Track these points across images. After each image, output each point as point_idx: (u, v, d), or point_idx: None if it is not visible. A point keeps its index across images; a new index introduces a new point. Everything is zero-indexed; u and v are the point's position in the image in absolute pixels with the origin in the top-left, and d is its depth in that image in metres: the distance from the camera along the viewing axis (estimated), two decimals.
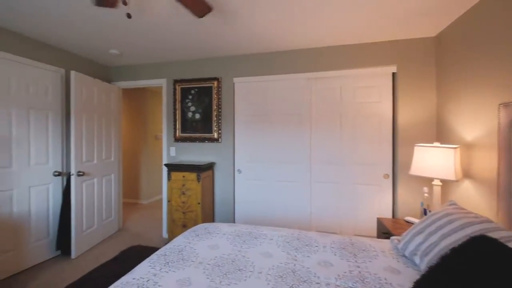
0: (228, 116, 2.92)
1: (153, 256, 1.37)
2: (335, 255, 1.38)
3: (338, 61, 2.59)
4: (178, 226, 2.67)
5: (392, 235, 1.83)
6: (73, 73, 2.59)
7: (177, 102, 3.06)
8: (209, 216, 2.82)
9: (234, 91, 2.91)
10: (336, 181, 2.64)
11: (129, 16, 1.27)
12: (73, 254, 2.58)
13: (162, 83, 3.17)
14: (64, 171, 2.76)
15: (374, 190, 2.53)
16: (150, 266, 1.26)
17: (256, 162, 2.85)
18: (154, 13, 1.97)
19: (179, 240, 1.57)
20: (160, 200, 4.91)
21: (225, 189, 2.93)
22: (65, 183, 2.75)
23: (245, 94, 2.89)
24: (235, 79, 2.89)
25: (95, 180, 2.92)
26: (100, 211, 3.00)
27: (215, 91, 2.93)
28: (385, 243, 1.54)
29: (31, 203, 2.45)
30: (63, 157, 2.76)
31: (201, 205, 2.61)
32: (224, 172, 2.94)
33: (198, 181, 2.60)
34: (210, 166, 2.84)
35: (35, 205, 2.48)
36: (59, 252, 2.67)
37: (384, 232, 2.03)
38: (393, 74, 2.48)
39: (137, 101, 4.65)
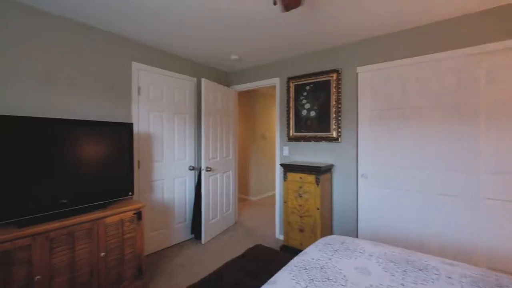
0: (350, 112, 2.55)
1: (292, 267, 1.24)
2: None
3: None
4: (295, 229, 2.55)
5: None
6: (203, 81, 2.93)
7: (290, 100, 2.96)
8: (327, 224, 2.56)
9: (358, 82, 2.52)
10: None
11: (274, 3, 1.19)
12: (203, 240, 2.91)
13: (275, 82, 3.16)
14: (196, 166, 3.17)
15: None
16: (294, 280, 1.12)
17: (387, 166, 2.35)
18: (268, 9, 1.89)
19: (315, 253, 1.38)
20: (268, 198, 5.06)
21: (346, 196, 2.59)
22: (195, 176, 3.17)
23: (372, 84, 2.44)
24: (359, 69, 2.49)
25: (218, 175, 3.22)
26: (222, 204, 3.29)
27: (334, 85, 2.63)
28: None
29: (175, 191, 2.93)
30: (195, 154, 3.18)
31: (320, 211, 2.37)
32: (344, 176, 2.59)
33: (317, 184, 2.38)
34: (329, 169, 2.57)
35: (177, 193, 2.96)
36: (192, 236, 3.09)
37: None
38: None
39: (247, 102, 4.96)
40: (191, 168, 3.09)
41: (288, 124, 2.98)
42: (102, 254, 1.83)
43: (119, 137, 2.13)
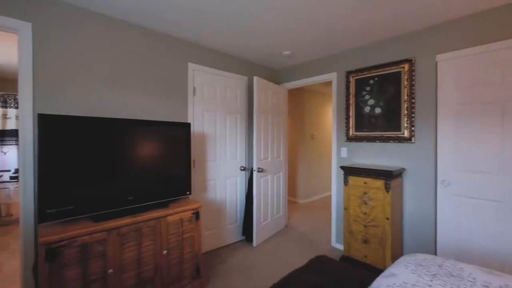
0: (426, 108, 2.19)
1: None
2: None
3: None
4: (358, 240, 2.29)
5: None
6: (255, 79, 2.84)
7: (350, 97, 2.69)
8: (397, 236, 2.24)
9: (437, 72, 2.14)
10: None
11: None
12: (255, 243, 2.83)
13: (331, 77, 2.92)
14: (246, 166, 3.11)
15: None
16: None
17: (475, 172, 1.95)
18: None
19: (406, 275, 1.15)
20: (318, 201, 4.80)
21: (420, 204, 2.23)
22: (246, 177, 3.11)
23: (457, 74, 2.05)
24: (439, 57, 2.12)
25: (269, 176, 3.11)
26: (272, 207, 3.17)
27: (406, 77, 2.29)
28: None
29: (227, 192, 2.91)
30: (246, 154, 3.11)
31: (391, 221, 2.08)
32: (418, 182, 2.24)
33: (387, 191, 2.09)
34: (399, 173, 2.25)
35: (229, 194, 2.93)
36: (243, 238, 3.04)
37: None
38: None
39: (294, 100, 4.77)
40: (242, 168, 3.04)
41: (347, 123, 2.72)
42: (165, 252, 1.85)
43: (178, 137, 2.16)
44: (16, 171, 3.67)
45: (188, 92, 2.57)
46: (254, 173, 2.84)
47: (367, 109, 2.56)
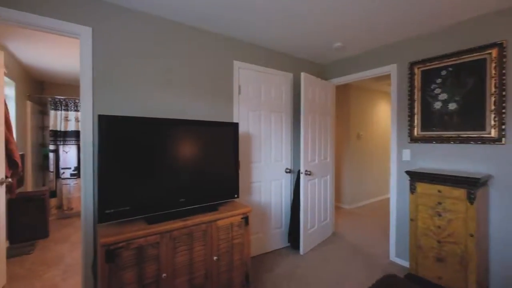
0: None
1: None
2: None
3: None
4: (429, 257, 1.96)
5: None
6: (303, 75, 2.65)
7: (415, 91, 2.35)
8: (483, 257, 1.86)
9: None
10: None
11: None
12: (302, 251, 2.64)
13: (389, 70, 2.60)
14: (292, 168, 2.93)
15: None
16: None
17: None
18: None
19: None
20: (365, 207, 4.41)
21: None
22: (292, 180, 2.93)
23: None
24: None
25: (316, 180, 2.89)
26: (320, 212, 2.95)
27: (493, 65, 1.89)
28: None
29: (272, 195, 2.77)
30: (291, 156, 2.94)
31: (476, 238, 1.72)
32: (511, 193, 1.84)
33: (470, 202, 1.74)
34: (485, 181, 1.87)
35: (274, 197, 2.78)
36: (288, 244, 2.87)
37: None
38: None
39: (339, 98, 4.46)
40: (288, 170, 2.87)
41: (411, 121, 2.38)
42: (215, 258, 1.77)
43: (226, 137, 2.08)
44: (75, 168, 3.99)
45: (233, 91, 2.48)
46: (302, 176, 2.65)
47: (437, 105, 2.20)
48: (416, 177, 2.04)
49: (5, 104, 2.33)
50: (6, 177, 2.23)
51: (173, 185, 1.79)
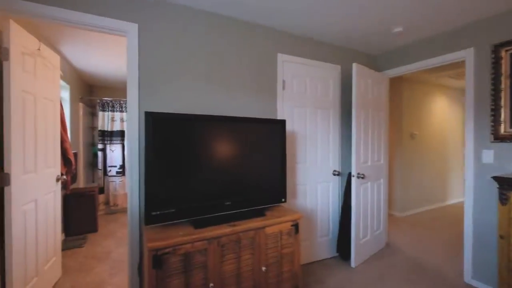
0: None
1: None
2: None
3: None
4: None
5: None
6: (355, 65, 2.36)
7: (501, 79, 1.92)
8: None
9: None
10: None
11: None
12: (353, 263, 2.35)
13: (463, 56, 2.18)
14: (340, 171, 2.65)
15: None
16: None
17: None
18: None
19: None
20: (420, 215, 3.92)
21: None
22: (340, 183, 2.65)
23: None
24: None
25: (369, 184, 2.57)
26: (372, 220, 2.62)
27: None
28: None
29: (318, 199, 2.53)
30: (339, 157, 2.66)
31: None
32: None
33: None
34: None
35: (320, 201, 2.54)
36: (337, 254, 2.60)
37: None
38: None
39: (390, 93, 4.01)
40: (336, 173, 2.60)
41: (495, 116, 1.96)
42: (263, 268, 1.60)
43: (273, 135, 1.90)
44: (120, 166, 4.18)
45: (277, 85, 2.30)
46: (353, 180, 2.37)
47: None
48: (509, 184, 1.65)
49: (61, 106, 2.45)
50: (62, 174, 2.34)
51: (218, 186, 1.66)
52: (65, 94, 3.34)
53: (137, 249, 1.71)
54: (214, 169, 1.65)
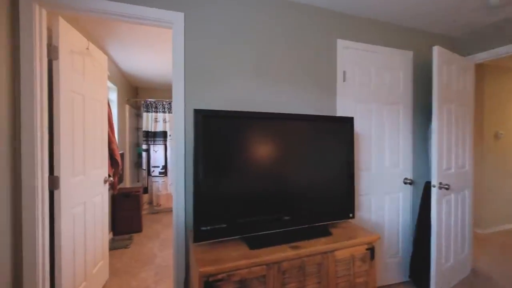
0: None
1: None
2: None
3: None
4: None
5: None
6: (436, 49, 1.89)
7: None
8: None
9: None
10: None
11: None
12: None
13: None
14: (412, 179, 2.19)
15: None
16: None
17: None
18: None
19: None
20: (507, 233, 3.18)
21: None
22: (411, 194, 2.19)
23: None
24: None
25: (452, 196, 2.07)
26: (456, 241, 2.11)
27: None
28: None
29: (385, 212, 2.11)
30: (412, 162, 2.20)
31: None
32: None
33: None
34: None
35: (388, 215, 2.12)
36: (409, 280, 2.15)
37: None
38: None
39: None
40: (408, 181, 2.15)
41: None
42: None
43: (338, 136, 1.57)
44: (163, 167, 4.20)
45: (337, 77, 1.95)
46: (433, 191, 1.90)
47: None
48: None
49: (109, 107, 2.43)
50: (109, 175, 2.31)
51: (275, 198, 1.40)
52: (113, 96, 3.41)
53: (183, 266, 1.52)
54: (270, 176, 1.39)
